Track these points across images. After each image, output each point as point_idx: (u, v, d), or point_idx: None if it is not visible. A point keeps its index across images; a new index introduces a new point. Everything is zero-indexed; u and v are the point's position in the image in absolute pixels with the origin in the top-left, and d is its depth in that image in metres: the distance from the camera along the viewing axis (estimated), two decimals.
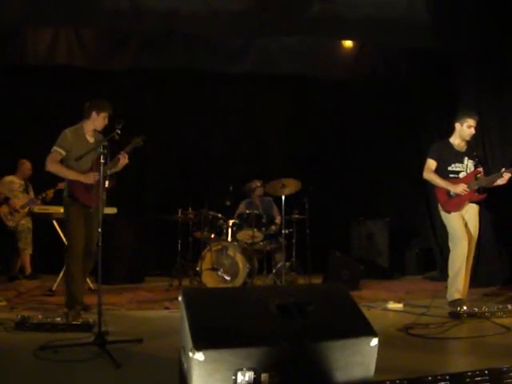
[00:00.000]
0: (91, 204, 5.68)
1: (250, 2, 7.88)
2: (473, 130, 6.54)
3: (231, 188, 8.06)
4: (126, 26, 8.16)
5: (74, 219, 5.94)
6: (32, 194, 8.99)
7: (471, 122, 6.52)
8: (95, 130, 6.21)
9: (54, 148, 5.97)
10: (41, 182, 8.66)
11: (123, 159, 6.05)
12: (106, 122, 6.17)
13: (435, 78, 9.56)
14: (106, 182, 5.99)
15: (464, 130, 6.55)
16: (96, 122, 6.13)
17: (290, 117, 10.77)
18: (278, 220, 8.47)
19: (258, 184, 8.71)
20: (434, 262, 9.74)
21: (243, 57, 9.49)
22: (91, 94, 8.87)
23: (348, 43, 9.61)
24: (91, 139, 6.15)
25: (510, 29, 7.96)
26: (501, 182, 6.31)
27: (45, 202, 8.57)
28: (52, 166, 5.99)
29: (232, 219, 8.14)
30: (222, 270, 7.75)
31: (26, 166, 8.97)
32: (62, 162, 6.02)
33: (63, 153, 5.97)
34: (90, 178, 5.83)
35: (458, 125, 6.61)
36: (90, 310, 5.94)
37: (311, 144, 10.49)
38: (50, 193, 8.60)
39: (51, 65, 8.97)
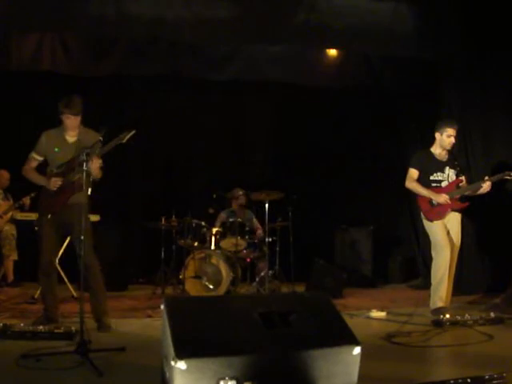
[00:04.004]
0: (50, 209, 5.59)
1: (235, 10, 7.90)
2: (453, 139, 6.58)
3: (215, 196, 8.06)
4: (111, 33, 8.12)
5: (40, 227, 5.74)
6: (12, 201, 8.90)
7: (451, 131, 6.56)
8: (78, 128, 5.79)
9: (31, 153, 5.79)
10: (19, 191, 8.59)
11: (92, 163, 5.22)
12: (74, 122, 5.69)
13: (420, 86, 9.60)
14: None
15: (444, 140, 6.58)
16: (65, 123, 5.72)
17: (275, 124, 10.78)
18: (258, 232, 8.48)
19: (240, 193, 8.69)
20: (417, 270, 9.76)
21: (228, 64, 9.46)
22: None
23: (333, 52, 9.59)
24: (71, 139, 5.77)
25: (495, 38, 8.03)
26: (482, 190, 6.35)
27: (23, 210, 8.49)
28: (24, 172, 5.81)
29: (215, 227, 8.13)
30: (205, 278, 7.72)
31: (4, 176, 8.88)
32: (48, 166, 5.79)
33: (38, 157, 5.78)
34: (51, 184, 5.60)
35: (437, 134, 6.65)
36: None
37: (295, 152, 10.51)
38: (26, 200, 8.46)
39: (35, 71, 8.89)
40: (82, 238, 4.77)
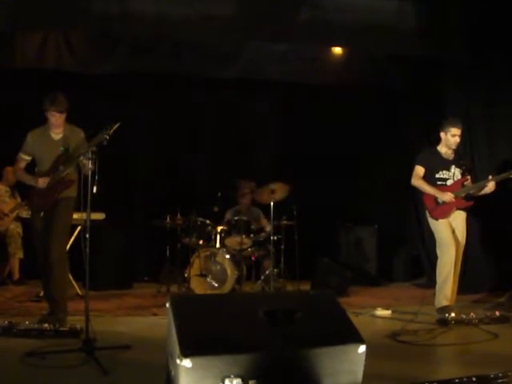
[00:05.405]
0: (42, 207, 5.63)
1: (239, 8, 7.90)
2: (457, 139, 6.59)
3: (219, 194, 8.04)
4: (116, 31, 8.13)
5: (31, 226, 5.84)
6: (19, 199, 8.92)
7: (455, 130, 6.56)
8: (64, 125, 5.78)
9: (18, 154, 5.83)
10: (27, 189, 8.59)
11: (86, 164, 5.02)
12: (60, 119, 5.69)
13: (424, 85, 9.59)
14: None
15: (448, 139, 6.59)
16: (50, 121, 5.72)
17: (279, 123, 10.75)
18: (267, 228, 8.44)
19: (247, 191, 8.66)
20: (422, 268, 9.75)
21: (232, 62, 9.46)
22: (79, 98, 8.85)
23: (337, 50, 9.60)
24: (57, 136, 5.78)
25: (499, 36, 8.01)
26: (487, 190, 6.36)
27: None
28: (14, 172, 5.93)
29: (220, 225, 8.11)
30: (210, 276, 7.71)
31: (11, 173, 8.88)
32: (35, 166, 5.85)
33: (26, 157, 5.82)
34: (40, 183, 5.65)
35: (442, 134, 6.66)
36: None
37: (300, 150, 10.47)
38: None
39: (40, 68, 8.89)
40: (87, 235, 4.75)
